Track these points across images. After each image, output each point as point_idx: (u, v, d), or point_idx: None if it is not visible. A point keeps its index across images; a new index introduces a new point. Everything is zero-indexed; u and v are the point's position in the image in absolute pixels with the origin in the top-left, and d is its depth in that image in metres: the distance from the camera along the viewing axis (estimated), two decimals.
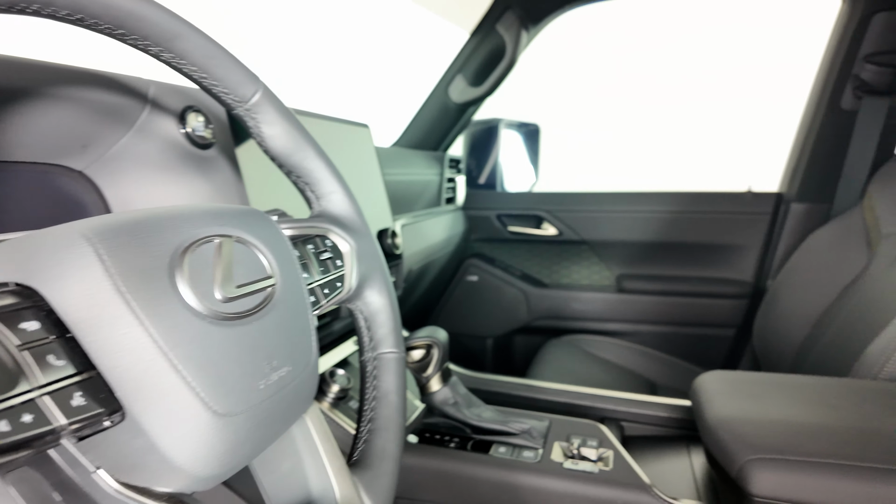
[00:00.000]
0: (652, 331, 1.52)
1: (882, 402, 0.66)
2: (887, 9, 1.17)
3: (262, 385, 0.30)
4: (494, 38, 1.37)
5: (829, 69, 1.27)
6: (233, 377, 0.28)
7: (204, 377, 0.26)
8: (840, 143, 1.29)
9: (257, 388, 0.30)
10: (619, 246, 1.53)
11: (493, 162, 1.68)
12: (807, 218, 1.35)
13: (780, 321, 1.26)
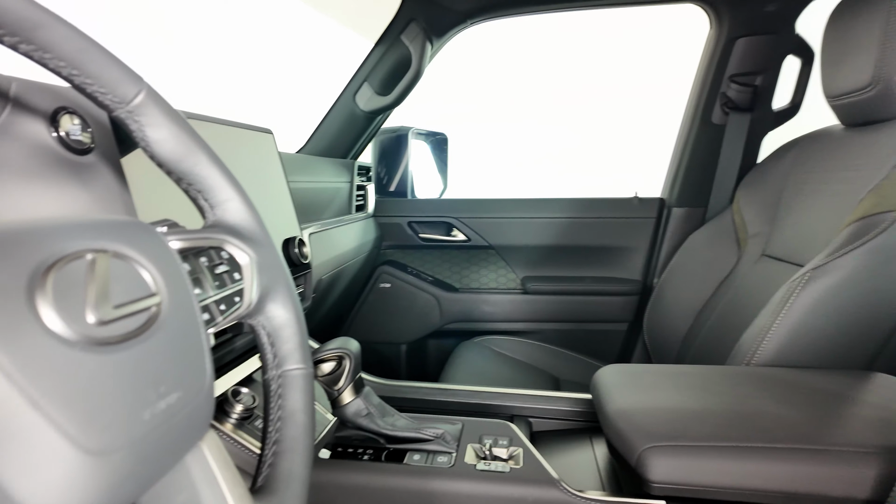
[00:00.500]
0: (555, 328, 1.61)
1: (755, 385, 0.74)
2: (747, 34, 1.33)
3: (147, 415, 0.28)
4: (400, 48, 1.38)
5: (701, 87, 1.42)
6: (111, 409, 0.25)
7: (73, 412, 0.24)
8: (711, 153, 1.45)
9: (141, 419, 0.27)
10: (524, 250, 1.60)
11: (402, 170, 1.69)
12: (686, 221, 1.50)
13: (665, 315, 1.38)
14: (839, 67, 1.03)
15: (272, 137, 0.97)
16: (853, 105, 1.02)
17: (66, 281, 0.25)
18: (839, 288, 0.83)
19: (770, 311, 0.88)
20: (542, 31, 2.51)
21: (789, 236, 1.12)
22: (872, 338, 0.86)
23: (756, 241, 1.25)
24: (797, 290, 0.86)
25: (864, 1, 0.98)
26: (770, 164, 1.29)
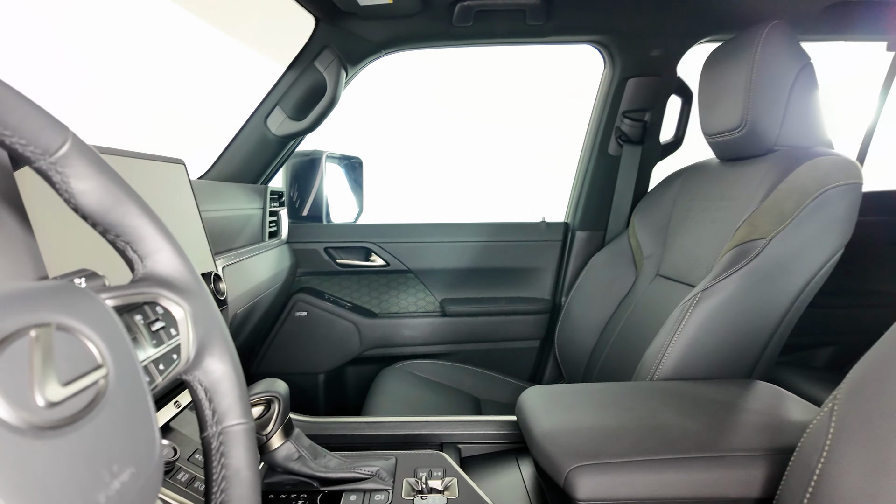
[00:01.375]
0: (473, 349, 1.66)
1: (660, 400, 0.82)
2: (636, 75, 1.48)
3: (102, 499, 0.26)
4: (314, 73, 1.37)
5: (598, 121, 1.55)
6: (66, 497, 0.24)
7: None
8: (608, 181, 1.58)
9: (97, 503, 0.26)
10: (442, 273, 1.64)
11: (316, 194, 1.66)
12: (588, 243, 1.62)
13: (573, 332, 1.47)
14: (713, 109, 1.18)
15: (183, 168, 0.93)
16: (726, 143, 1.17)
17: (10, 362, 0.23)
18: (724, 307, 0.95)
19: (668, 329, 0.98)
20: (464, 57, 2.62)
21: (679, 258, 1.25)
22: (753, 349, 0.98)
23: (650, 261, 1.38)
24: (689, 310, 0.96)
25: (732, 53, 1.13)
26: (659, 191, 1.44)
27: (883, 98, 1.64)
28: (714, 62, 1.20)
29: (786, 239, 0.94)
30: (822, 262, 0.97)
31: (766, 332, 0.97)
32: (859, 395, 0.56)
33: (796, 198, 0.95)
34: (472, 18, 1.33)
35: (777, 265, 0.95)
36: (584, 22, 1.37)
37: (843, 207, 0.96)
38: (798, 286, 0.97)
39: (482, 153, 2.92)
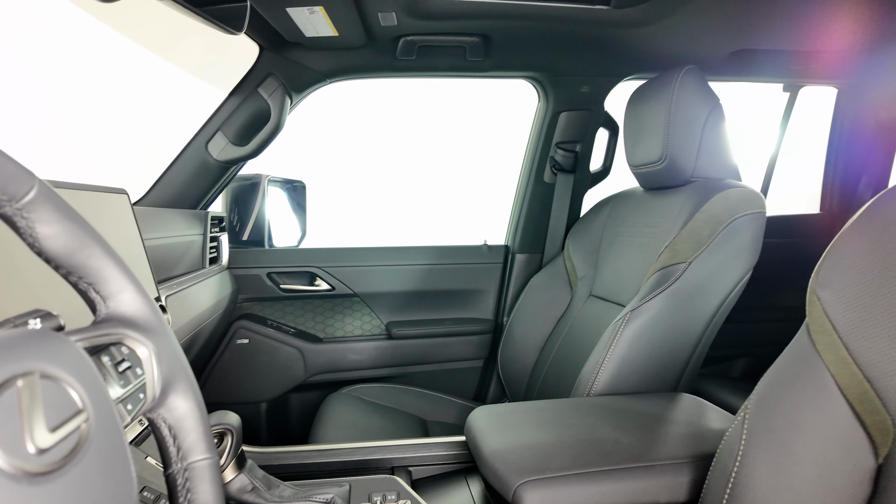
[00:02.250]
0: (420, 371, 1.68)
1: (597, 415, 0.89)
2: (568, 110, 1.59)
3: None
4: (257, 100, 1.38)
5: (534, 151, 1.65)
6: None
7: None
8: (544, 207, 1.67)
9: None
10: (388, 296, 1.66)
11: (258, 218, 1.64)
12: (527, 265, 1.70)
13: (515, 351, 1.53)
14: (637, 143, 1.30)
15: (126, 198, 0.91)
16: (649, 174, 1.28)
17: (1, 412, 0.24)
18: (650, 325, 1.03)
19: (601, 347, 1.06)
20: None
21: (609, 279, 1.34)
22: (677, 363, 1.07)
23: (584, 282, 1.47)
24: (620, 329, 1.05)
25: (652, 93, 1.25)
26: (590, 217, 1.54)
27: (782, 132, 1.84)
28: (637, 100, 1.31)
29: (703, 263, 1.05)
30: (735, 282, 1.08)
31: (688, 347, 1.07)
32: (765, 405, 0.64)
33: (710, 226, 1.06)
34: (416, 53, 1.38)
35: (696, 286, 1.05)
36: (519, 60, 1.46)
37: (750, 234, 1.08)
38: (715, 305, 1.07)
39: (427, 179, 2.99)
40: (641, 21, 1.29)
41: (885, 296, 0.57)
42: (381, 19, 1.21)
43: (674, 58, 1.50)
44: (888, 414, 0.54)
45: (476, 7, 1.22)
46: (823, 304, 0.62)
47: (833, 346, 0.60)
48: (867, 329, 0.57)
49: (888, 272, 0.57)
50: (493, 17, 1.27)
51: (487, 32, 1.35)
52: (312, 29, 1.21)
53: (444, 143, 2.97)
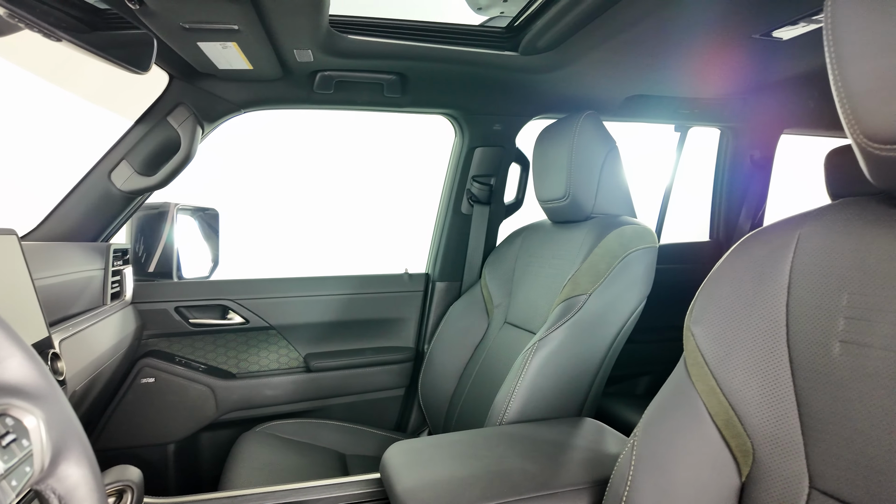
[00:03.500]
0: (339, 403, 1.66)
1: (506, 444, 0.93)
2: (482, 146, 1.66)
3: None
4: (166, 129, 1.33)
5: (452, 183, 1.71)
6: None
7: None
8: (462, 237, 1.73)
9: None
10: (306, 328, 1.64)
11: (165, 248, 1.57)
12: (447, 293, 1.74)
13: (435, 378, 1.56)
14: (544, 180, 1.38)
15: (15, 238, 0.85)
16: (555, 209, 1.37)
17: None
18: (556, 354, 1.10)
19: (513, 376, 1.11)
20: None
21: (522, 307, 1.41)
22: (581, 388, 1.15)
23: (500, 310, 1.53)
24: (529, 358, 1.10)
25: (556, 134, 1.34)
26: (504, 247, 1.61)
27: (675, 167, 2.03)
28: (543, 140, 1.41)
29: (601, 294, 1.14)
30: (631, 311, 1.18)
31: (591, 372, 1.14)
32: (650, 432, 0.71)
33: (607, 260, 1.16)
34: (333, 87, 1.40)
35: (596, 316, 1.13)
36: (435, 98, 1.52)
37: (643, 267, 1.19)
38: (613, 332, 1.16)
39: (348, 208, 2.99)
40: (547, 68, 1.39)
41: (745, 331, 0.66)
42: (297, 55, 1.22)
43: (577, 101, 1.62)
44: (748, 437, 0.62)
45: (391, 48, 1.27)
46: (696, 339, 0.70)
47: (704, 377, 0.67)
48: (731, 362, 0.66)
49: (747, 311, 0.66)
50: (409, 58, 1.32)
51: (404, 72, 1.40)
52: (226, 62, 1.20)
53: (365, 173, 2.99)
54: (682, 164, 2.06)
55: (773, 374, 0.61)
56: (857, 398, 0.53)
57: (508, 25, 1.33)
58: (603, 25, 1.13)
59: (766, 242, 0.67)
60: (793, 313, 0.61)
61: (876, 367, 0.52)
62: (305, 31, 1.08)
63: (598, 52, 1.27)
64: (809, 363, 0.58)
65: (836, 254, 0.59)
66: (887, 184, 0.56)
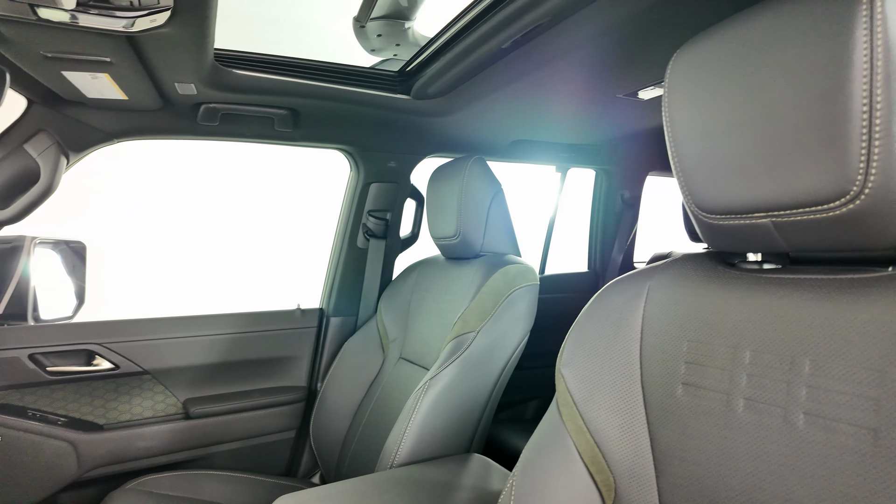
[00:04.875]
0: (223, 450, 1.56)
1: (396, 490, 0.93)
2: (378, 181, 1.68)
3: None
4: (23, 158, 1.20)
5: (347, 218, 1.70)
6: None
7: None
8: (358, 271, 1.73)
9: None
10: (185, 371, 1.53)
11: (19, 288, 1.40)
12: (341, 328, 1.72)
13: (327, 418, 1.53)
14: (436, 218, 1.43)
15: None
16: (447, 246, 1.42)
17: None
18: (447, 392, 1.13)
19: (404, 416, 1.12)
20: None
21: (416, 342, 1.43)
22: (471, 423, 1.19)
23: (395, 345, 1.54)
24: (421, 397, 1.12)
25: (447, 175, 1.40)
26: (400, 281, 1.64)
27: (556, 203, 2.18)
28: (435, 180, 1.46)
29: (489, 331, 1.19)
30: (516, 345, 1.25)
31: (479, 407, 1.19)
32: (526, 470, 0.75)
33: (493, 298, 1.22)
34: (219, 119, 1.35)
35: (484, 352, 1.19)
36: (328, 134, 1.52)
37: (526, 303, 1.26)
38: (500, 367, 1.22)
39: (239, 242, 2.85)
40: (438, 112, 1.45)
41: (607, 373, 0.73)
42: (179, 88, 1.16)
43: (467, 143, 1.70)
44: (611, 472, 0.68)
45: (281, 84, 1.26)
46: (566, 380, 0.76)
47: (573, 417, 0.73)
48: (595, 402, 0.72)
49: (608, 354, 0.73)
50: (300, 95, 1.31)
51: (295, 107, 1.39)
52: (96, 91, 1.12)
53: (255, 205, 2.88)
54: (565, 201, 2.24)
55: (630, 412, 0.69)
56: (696, 435, 0.61)
57: (401, 70, 1.37)
58: (487, 79, 1.21)
59: (622, 291, 0.75)
60: (645, 357, 0.69)
61: (710, 407, 0.61)
62: (187, 66, 1.04)
63: (485, 102, 1.36)
64: (659, 403, 0.66)
65: (677, 305, 0.67)
66: (716, 246, 0.65)
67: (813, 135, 0.49)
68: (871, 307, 0.50)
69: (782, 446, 0.53)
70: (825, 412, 0.50)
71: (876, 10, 0.45)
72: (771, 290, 0.59)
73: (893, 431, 0.46)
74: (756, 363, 0.57)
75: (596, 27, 0.92)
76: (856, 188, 0.47)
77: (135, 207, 2.56)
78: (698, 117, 0.59)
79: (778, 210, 0.53)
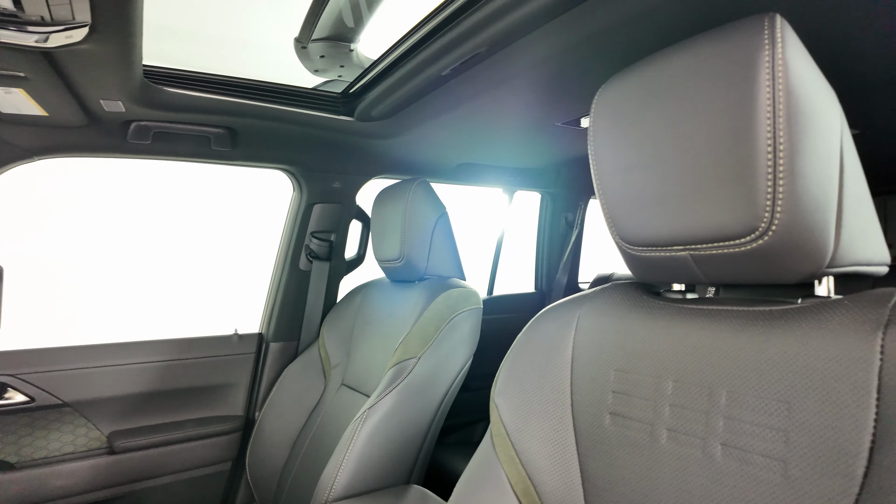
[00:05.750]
0: (153, 486, 1.47)
1: None
2: (322, 202, 1.65)
3: None
4: None
5: (289, 239, 1.66)
6: None
7: None
8: (300, 294, 1.68)
9: None
10: (111, 402, 1.43)
11: None
12: (282, 354, 1.66)
13: (265, 448, 1.46)
14: (381, 240, 1.42)
15: None
16: (391, 269, 1.40)
17: None
18: (386, 421, 1.11)
19: (342, 447, 1.09)
20: None
21: (359, 368, 1.40)
22: (412, 452, 1.16)
23: (337, 371, 1.50)
24: (359, 426, 1.09)
25: (391, 198, 1.39)
26: (344, 304, 1.60)
27: (504, 225, 2.21)
28: (379, 203, 1.45)
29: (430, 357, 1.18)
30: (458, 369, 1.24)
31: (420, 435, 1.17)
32: (459, 502, 0.74)
33: (435, 323, 1.21)
34: (151, 138, 1.30)
35: (425, 379, 1.17)
36: (269, 154, 1.49)
37: (468, 327, 1.26)
38: (442, 393, 1.20)
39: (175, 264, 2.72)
40: (382, 134, 1.44)
41: (539, 402, 0.72)
42: (105, 105, 1.11)
43: (413, 165, 1.70)
44: None
45: (217, 103, 1.22)
46: (499, 410, 0.75)
47: (506, 448, 0.73)
48: (528, 431, 0.72)
49: (540, 382, 0.73)
50: (238, 114, 1.28)
51: (233, 126, 1.35)
52: (11, 106, 1.05)
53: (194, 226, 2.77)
54: (513, 222, 2.26)
55: (561, 442, 0.68)
56: (623, 465, 0.62)
57: (344, 92, 1.36)
58: (430, 104, 1.21)
59: (554, 319, 0.75)
60: (575, 385, 0.69)
61: (635, 437, 0.61)
62: (113, 83, 0.99)
63: (429, 125, 1.36)
64: (588, 432, 0.66)
65: (605, 333, 0.68)
66: (641, 277, 0.67)
67: (725, 172, 0.51)
68: (780, 339, 0.52)
69: (702, 478, 0.54)
70: (740, 443, 0.52)
71: (777, 54, 0.47)
72: (692, 321, 0.60)
73: (801, 461, 0.48)
74: (678, 394, 0.58)
75: (531, 58, 0.94)
76: (763, 225, 0.49)
77: (60, 227, 2.41)
78: (621, 150, 0.61)
79: (695, 244, 0.55)
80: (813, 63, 0.50)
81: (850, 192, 0.51)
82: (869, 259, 0.53)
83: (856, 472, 0.44)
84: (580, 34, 0.84)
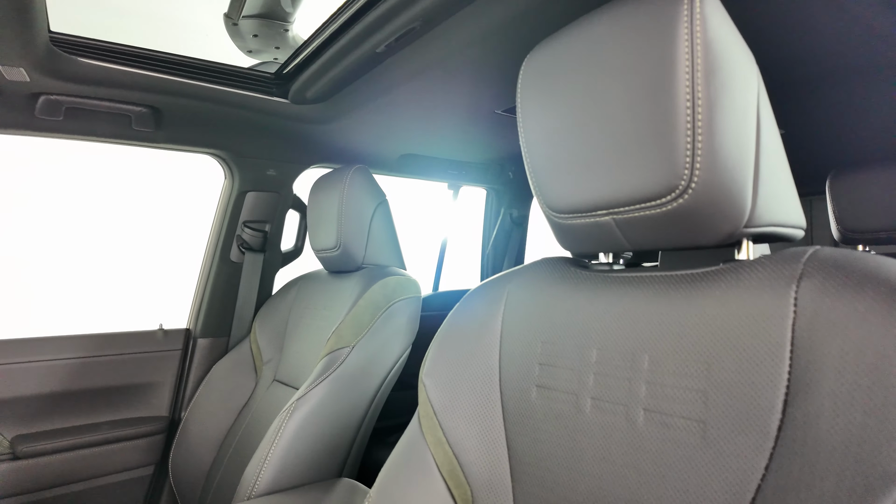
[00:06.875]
0: (64, 494, 1.34)
1: None
2: (255, 190, 1.58)
3: None
4: None
5: (219, 229, 1.57)
6: None
7: None
8: (231, 287, 1.60)
9: None
10: (14, 403, 1.30)
11: None
12: (211, 351, 1.57)
13: (192, 449, 1.37)
14: (317, 229, 1.36)
15: None
16: (328, 258, 1.35)
17: None
18: (316, 413, 1.05)
19: (267, 441, 1.03)
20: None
21: (292, 363, 1.34)
22: (343, 446, 1.11)
23: (269, 367, 1.43)
24: (286, 419, 1.03)
25: (328, 185, 1.34)
26: (278, 297, 1.53)
27: (449, 220, 2.19)
28: (316, 190, 1.39)
29: (365, 346, 1.13)
30: (394, 361, 1.20)
31: (353, 428, 1.12)
32: (384, 488, 0.70)
33: (371, 311, 1.17)
34: (63, 114, 1.20)
35: (359, 369, 1.12)
36: (197, 136, 1.40)
37: (406, 317, 1.22)
38: (376, 384, 1.16)
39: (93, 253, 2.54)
40: (318, 119, 1.39)
41: (467, 380, 0.70)
42: (5, 73, 1.01)
43: (353, 154, 1.65)
44: (469, 486, 0.65)
45: (137, 78, 1.14)
46: (427, 390, 0.72)
47: (433, 429, 0.69)
48: (455, 411, 0.69)
49: (469, 360, 0.71)
50: (161, 91, 1.20)
51: (156, 105, 1.26)
52: None
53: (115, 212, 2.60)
54: (459, 218, 2.25)
55: (488, 420, 0.66)
56: (548, 439, 0.60)
57: (277, 72, 1.30)
58: (366, 85, 1.17)
59: (483, 296, 0.73)
60: (504, 360, 0.67)
61: (560, 409, 0.59)
62: (12, 46, 0.90)
63: (367, 110, 1.32)
64: (515, 407, 0.64)
65: (533, 307, 0.67)
66: (569, 247, 0.66)
67: (645, 132, 0.50)
68: (700, 301, 0.52)
69: (624, 445, 0.53)
70: (661, 407, 0.51)
71: (696, 8, 0.47)
72: (616, 289, 0.59)
73: (719, 421, 0.47)
74: (602, 362, 0.57)
75: (465, 36, 0.92)
76: (683, 182, 0.48)
77: None
78: (546, 117, 0.59)
79: (617, 207, 0.54)
80: (731, 22, 0.50)
81: (767, 151, 0.51)
82: (784, 220, 0.53)
83: (770, 428, 0.43)
84: (515, 9, 0.83)
